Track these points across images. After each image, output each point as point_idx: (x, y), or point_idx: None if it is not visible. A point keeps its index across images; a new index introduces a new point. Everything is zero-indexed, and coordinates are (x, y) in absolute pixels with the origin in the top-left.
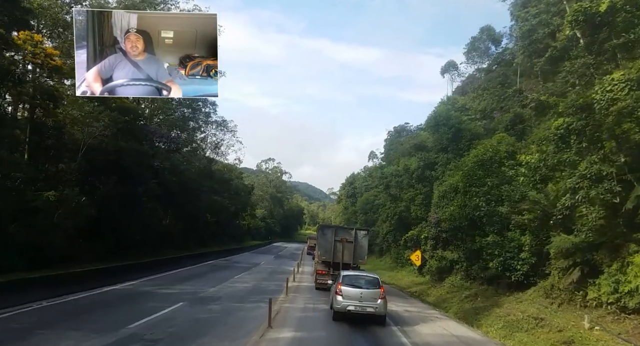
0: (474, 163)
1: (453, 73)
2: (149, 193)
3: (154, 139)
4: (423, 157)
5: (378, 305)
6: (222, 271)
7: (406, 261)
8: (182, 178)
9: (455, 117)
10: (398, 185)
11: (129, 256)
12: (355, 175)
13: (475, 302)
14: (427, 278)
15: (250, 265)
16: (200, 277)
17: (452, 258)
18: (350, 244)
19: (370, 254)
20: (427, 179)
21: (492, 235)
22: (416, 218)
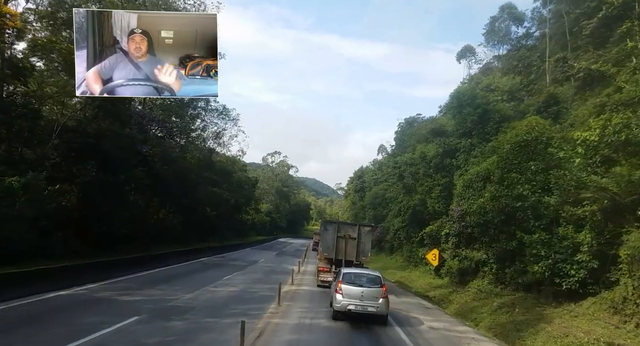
0: (512, 145)
1: (470, 59)
2: (134, 181)
3: (144, 123)
4: (442, 143)
5: (380, 305)
6: (212, 271)
7: (420, 260)
8: (177, 168)
9: (481, 97)
10: (413, 175)
11: (115, 252)
12: (363, 169)
13: (512, 314)
14: (446, 281)
15: (246, 263)
16: (182, 278)
17: (479, 259)
18: (354, 241)
19: (379, 251)
20: (446, 168)
21: (539, 231)
22: (433, 213)
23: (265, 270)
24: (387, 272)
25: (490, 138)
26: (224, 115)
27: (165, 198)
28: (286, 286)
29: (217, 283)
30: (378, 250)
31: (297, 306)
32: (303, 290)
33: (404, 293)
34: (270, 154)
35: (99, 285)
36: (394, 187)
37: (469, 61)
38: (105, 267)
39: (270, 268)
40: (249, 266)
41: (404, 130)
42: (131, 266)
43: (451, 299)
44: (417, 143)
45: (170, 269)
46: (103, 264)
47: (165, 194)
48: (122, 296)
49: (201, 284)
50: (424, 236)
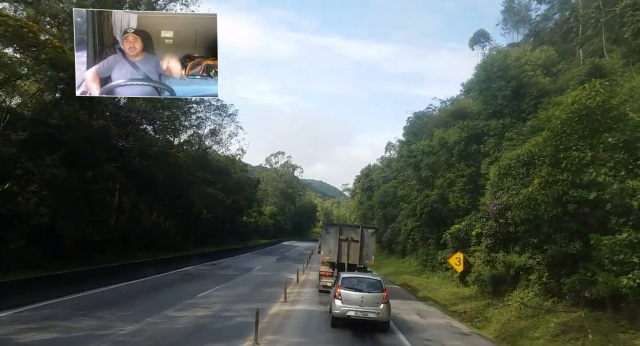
0: (569, 116)
1: (484, 44)
2: (105, 179)
3: (122, 114)
4: (466, 126)
5: (380, 310)
6: (190, 284)
7: (440, 264)
8: (163, 164)
9: (514, 67)
10: (430, 166)
11: (84, 262)
12: (371, 167)
13: (584, 341)
14: (475, 290)
15: (238, 271)
16: (141, 297)
17: (523, 264)
18: (357, 243)
19: (390, 254)
20: (471, 156)
21: (628, 229)
22: (456, 209)
23: (257, 281)
24: (400, 278)
25: (527, 117)
26: (221, 110)
27: (153, 200)
28: (276, 305)
29: (185, 303)
30: (388, 253)
31: (285, 342)
32: (298, 312)
33: (429, 312)
34: (273, 155)
35: (12, 313)
36: (406, 183)
37: (483, 47)
38: (47, 284)
39: (264, 278)
40: (240, 275)
41: (413, 123)
42: (88, 280)
43: (488, 315)
44: (436, 129)
45: (137, 283)
46: (45, 280)
47: (152, 195)
48: (25, 334)
49: (162, 306)
50: (447, 237)
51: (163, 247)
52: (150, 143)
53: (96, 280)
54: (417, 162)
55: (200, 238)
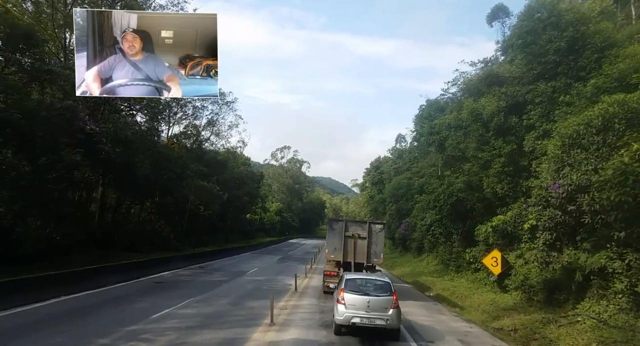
0: None
1: (503, 20)
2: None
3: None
4: (505, 93)
5: (390, 317)
6: (154, 297)
7: (468, 264)
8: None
9: (568, 11)
10: (457, 145)
11: (45, 267)
12: (381, 159)
13: None
14: (519, 298)
15: (226, 276)
16: (68, 321)
17: (602, 266)
18: (364, 240)
19: (404, 252)
20: (511, 131)
21: None
22: (493, 197)
23: (245, 290)
24: (420, 279)
25: (587, 76)
26: (219, 98)
27: (137, 194)
28: (258, 330)
29: (124, 332)
30: (402, 250)
31: None
32: (288, 342)
33: (470, 333)
34: (279, 149)
35: None
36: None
37: (503, 24)
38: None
39: (255, 285)
40: (226, 282)
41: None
42: (20, 293)
43: (551, 337)
44: (465, 100)
45: (82, 297)
46: None
47: (134, 188)
48: None
49: (84, 338)
50: (488, 232)
51: (156, 248)
52: (124, 127)
53: (30, 293)
54: (441, 139)
55: (199, 237)
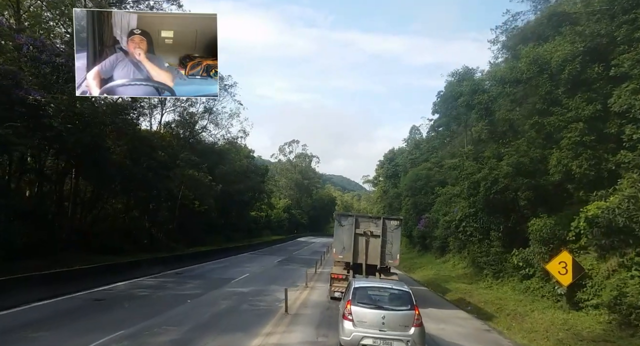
0: None
1: None
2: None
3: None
4: (582, 34)
5: (411, 338)
6: (62, 328)
7: (514, 269)
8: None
9: None
10: (512, 109)
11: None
12: (395, 151)
13: None
14: (605, 322)
15: (201, 288)
16: None
17: None
18: (377, 239)
19: (423, 252)
20: (590, 86)
21: None
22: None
23: (212, 313)
24: (450, 286)
25: None
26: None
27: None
28: None
29: None
30: (421, 249)
31: None
32: None
33: None
34: (287, 144)
35: None
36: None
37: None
38: None
39: (233, 302)
40: (194, 298)
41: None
42: None
43: None
44: (523, 47)
45: None
46: None
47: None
48: None
49: None
50: (581, 226)
51: (142, 248)
52: (77, 99)
53: None
54: (486, 101)
55: (196, 236)
